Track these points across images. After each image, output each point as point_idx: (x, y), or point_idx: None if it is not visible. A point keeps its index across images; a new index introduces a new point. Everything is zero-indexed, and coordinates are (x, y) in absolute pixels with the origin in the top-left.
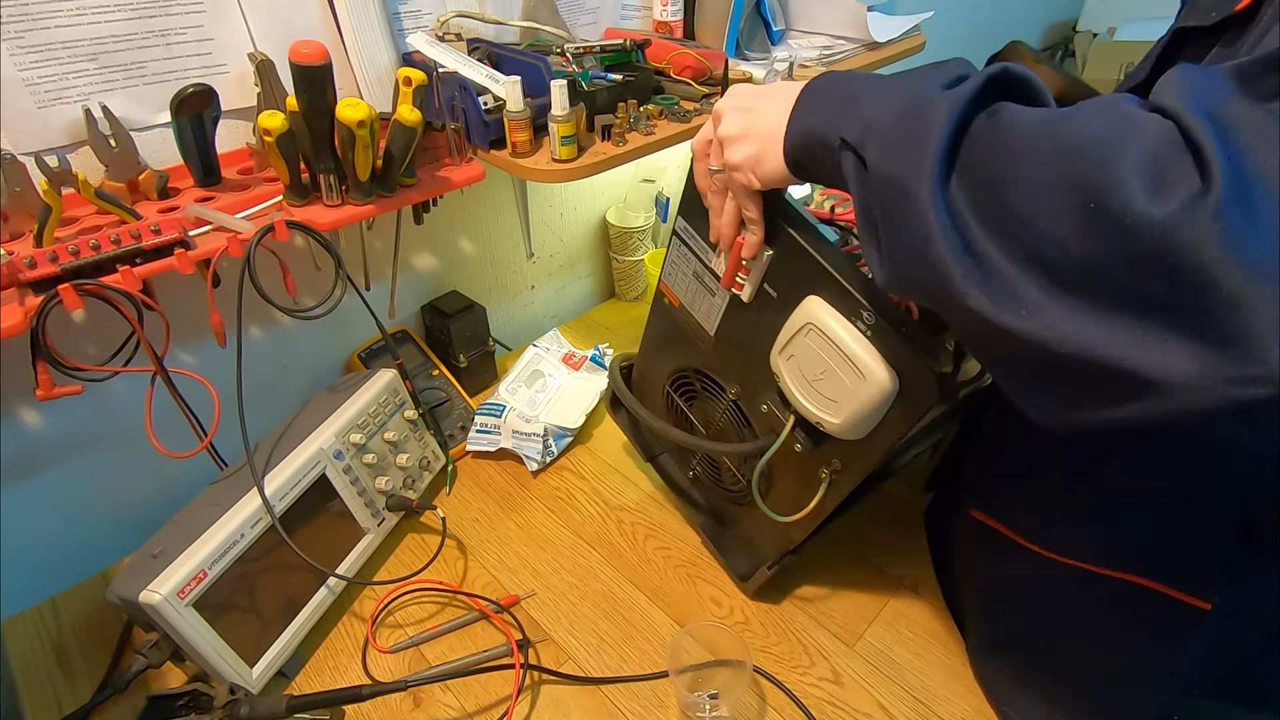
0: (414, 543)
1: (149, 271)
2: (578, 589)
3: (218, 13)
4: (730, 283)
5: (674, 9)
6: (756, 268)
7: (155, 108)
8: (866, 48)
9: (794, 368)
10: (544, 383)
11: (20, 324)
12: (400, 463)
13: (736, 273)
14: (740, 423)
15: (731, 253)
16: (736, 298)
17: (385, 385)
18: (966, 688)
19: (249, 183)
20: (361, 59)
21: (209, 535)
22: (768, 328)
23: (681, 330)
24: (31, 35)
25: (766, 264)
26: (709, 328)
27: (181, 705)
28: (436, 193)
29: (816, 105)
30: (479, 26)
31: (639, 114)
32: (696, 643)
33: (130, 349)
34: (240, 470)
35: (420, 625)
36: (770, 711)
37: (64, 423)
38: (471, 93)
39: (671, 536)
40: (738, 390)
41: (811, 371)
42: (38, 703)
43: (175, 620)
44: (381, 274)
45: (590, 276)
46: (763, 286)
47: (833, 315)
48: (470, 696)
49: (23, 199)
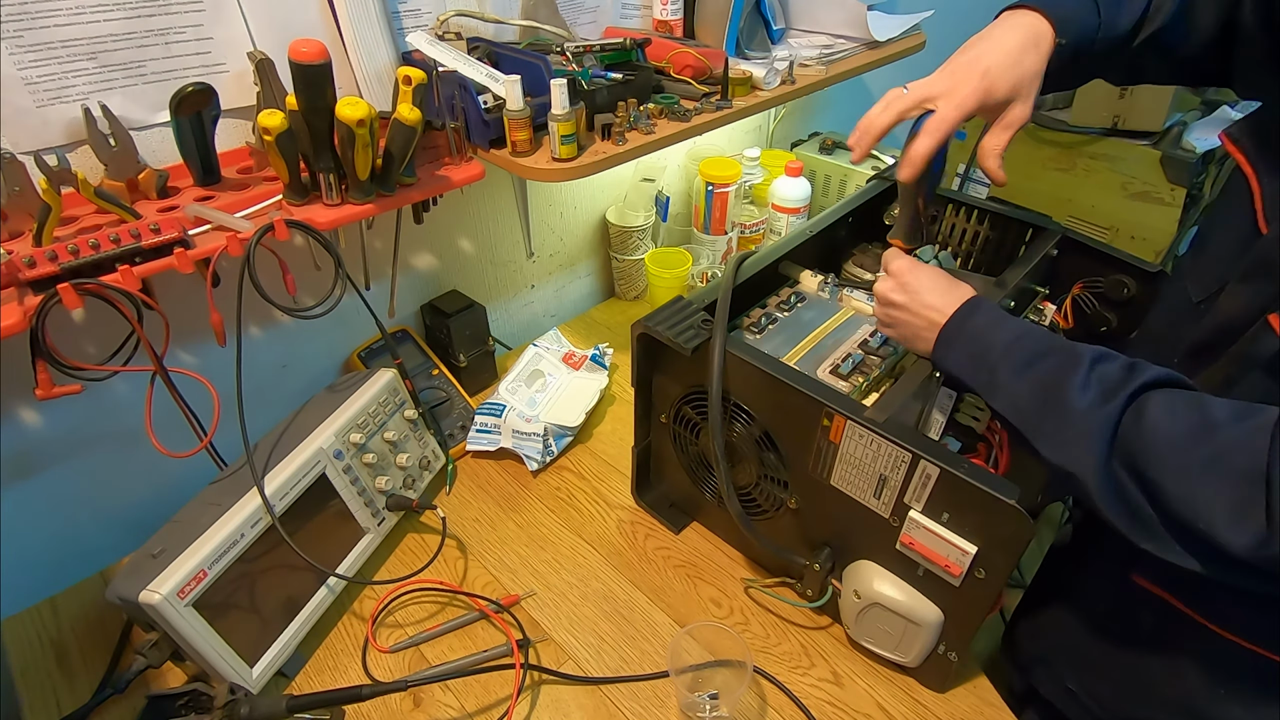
0: (414, 543)
1: (148, 271)
2: (578, 589)
3: (217, 11)
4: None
5: (674, 8)
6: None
7: (154, 107)
8: (866, 46)
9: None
10: (544, 382)
11: (20, 323)
12: (400, 462)
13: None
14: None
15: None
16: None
17: (385, 385)
18: (966, 688)
19: (248, 182)
20: (361, 58)
21: (209, 535)
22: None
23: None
24: (31, 34)
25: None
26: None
27: (181, 705)
28: (436, 192)
29: (951, 351)
30: (479, 25)
31: (639, 113)
32: (697, 643)
33: (130, 348)
34: (240, 470)
35: (420, 625)
36: (770, 712)
37: (63, 422)
38: (471, 92)
39: (671, 537)
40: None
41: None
42: (37, 703)
43: (175, 620)
44: (381, 273)
45: (590, 276)
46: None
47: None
48: (470, 696)
49: (22, 198)
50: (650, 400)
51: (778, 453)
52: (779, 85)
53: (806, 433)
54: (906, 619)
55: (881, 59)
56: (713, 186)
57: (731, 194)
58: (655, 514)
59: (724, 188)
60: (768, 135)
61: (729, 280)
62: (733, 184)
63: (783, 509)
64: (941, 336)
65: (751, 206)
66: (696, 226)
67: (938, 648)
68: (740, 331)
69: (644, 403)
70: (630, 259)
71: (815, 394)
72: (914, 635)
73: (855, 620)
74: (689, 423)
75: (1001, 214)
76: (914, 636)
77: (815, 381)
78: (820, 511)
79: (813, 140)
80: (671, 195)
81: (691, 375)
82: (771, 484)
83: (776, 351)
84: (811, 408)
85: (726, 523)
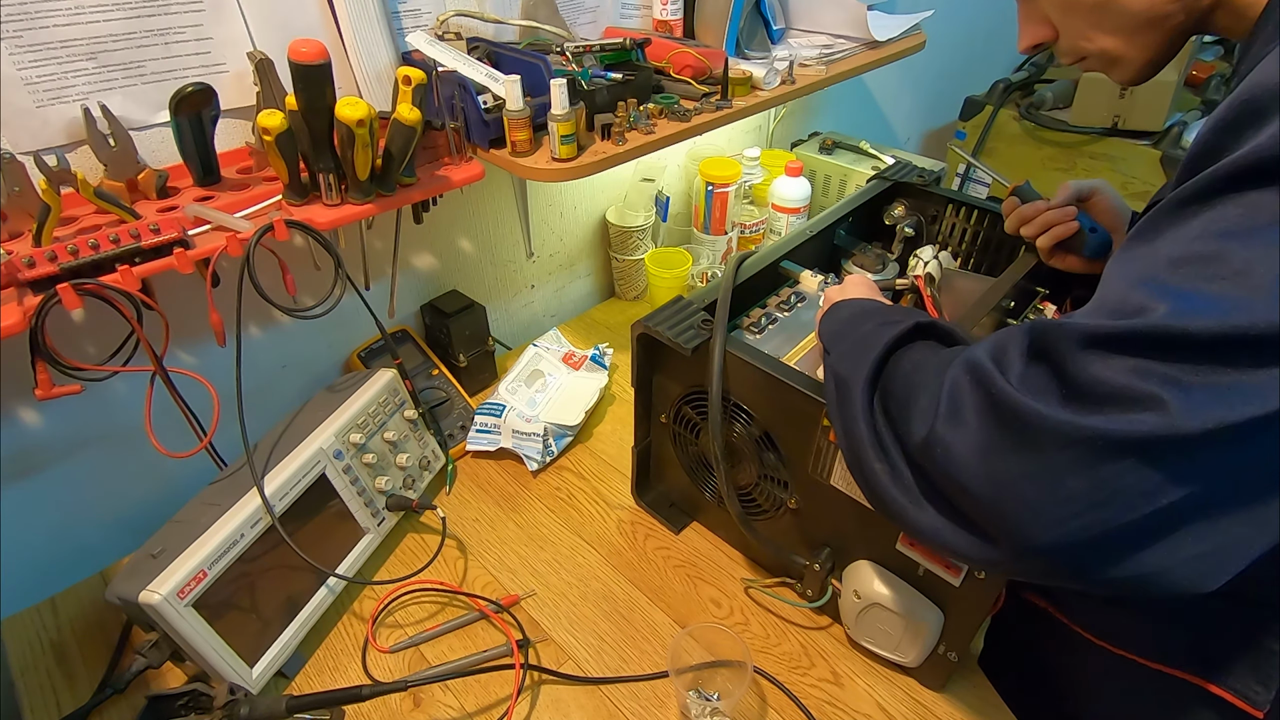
0: (414, 543)
1: (148, 271)
2: (578, 589)
3: (217, 11)
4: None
5: (674, 8)
6: None
7: (154, 107)
8: (866, 46)
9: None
10: (544, 382)
11: (19, 323)
12: (400, 462)
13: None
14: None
15: None
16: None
17: (385, 385)
18: (966, 688)
19: (248, 182)
20: (361, 58)
21: (209, 535)
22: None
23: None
24: (30, 34)
25: None
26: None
27: (181, 705)
28: (436, 192)
29: (826, 318)
30: (478, 25)
31: (639, 113)
32: (697, 643)
33: (129, 348)
34: (240, 470)
35: (420, 625)
36: (770, 712)
37: (63, 422)
38: (471, 92)
39: (671, 537)
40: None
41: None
42: (37, 703)
43: (175, 620)
44: (381, 273)
45: (590, 276)
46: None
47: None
48: (470, 696)
49: (21, 198)
50: (650, 400)
51: (778, 453)
52: (779, 85)
53: (806, 433)
54: (906, 619)
55: (881, 59)
56: (713, 186)
57: (731, 194)
58: (655, 514)
59: (724, 188)
60: (768, 135)
61: (729, 280)
62: (733, 184)
63: (783, 509)
64: (829, 309)
65: (751, 206)
66: (696, 226)
67: (938, 648)
68: (740, 331)
69: (644, 403)
70: (630, 259)
71: (815, 394)
72: (914, 635)
73: (855, 620)
74: (689, 423)
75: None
76: (914, 636)
77: (815, 381)
78: (820, 511)
79: (813, 140)
80: (671, 195)
81: (691, 375)
82: (771, 484)
83: (776, 351)
84: (811, 408)
85: (726, 523)
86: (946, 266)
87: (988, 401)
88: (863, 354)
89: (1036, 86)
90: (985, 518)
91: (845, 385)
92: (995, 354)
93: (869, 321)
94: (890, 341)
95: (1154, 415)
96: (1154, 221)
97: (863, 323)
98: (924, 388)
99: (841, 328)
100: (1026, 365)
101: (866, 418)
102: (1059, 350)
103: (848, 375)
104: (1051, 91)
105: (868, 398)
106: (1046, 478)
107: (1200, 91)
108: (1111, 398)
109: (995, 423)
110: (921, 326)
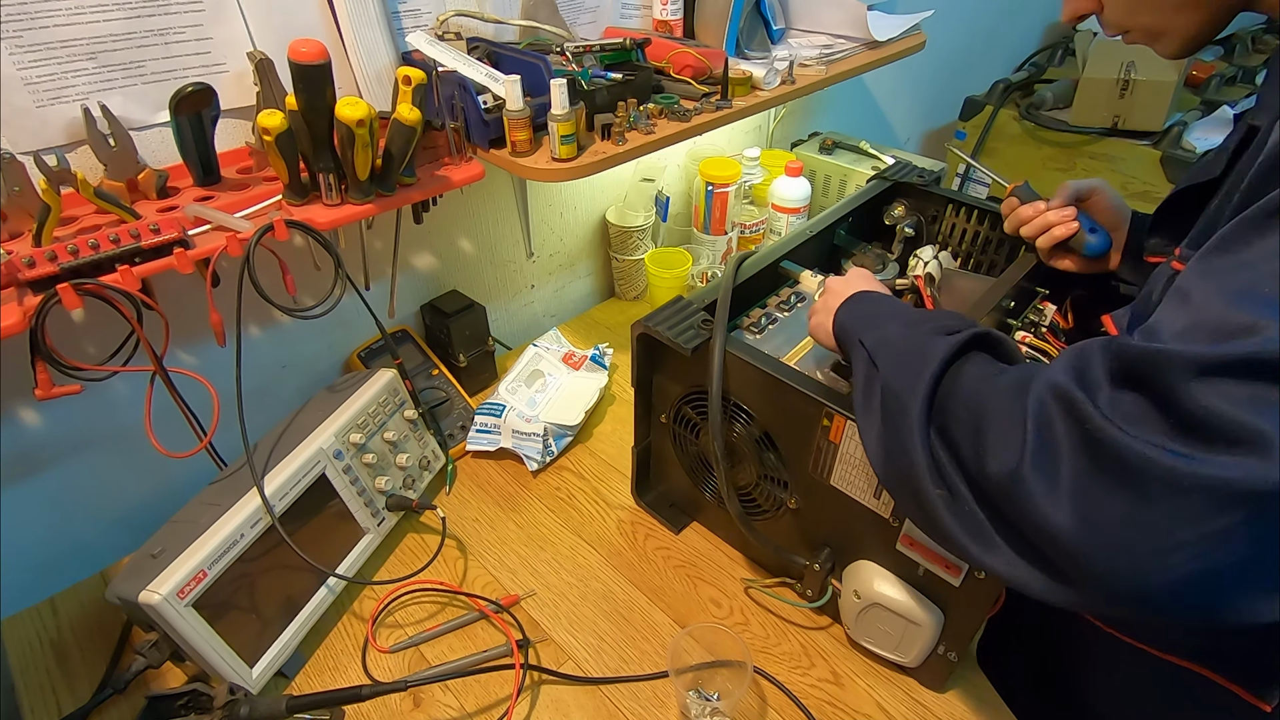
0: (414, 543)
1: (148, 271)
2: (578, 589)
3: (217, 11)
4: None
5: (674, 8)
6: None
7: (154, 107)
8: (866, 46)
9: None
10: (544, 382)
11: (19, 323)
12: (400, 462)
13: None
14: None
15: None
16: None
17: (385, 385)
18: (966, 688)
19: (248, 182)
20: (361, 58)
21: (209, 535)
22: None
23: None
24: (30, 34)
25: None
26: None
27: (181, 705)
28: (436, 192)
29: (851, 309)
30: (478, 25)
31: (639, 113)
32: (697, 643)
33: (129, 348)
34: (240, 470)
35: (420, 625)
36: (770, 712)
37: (63, 422)
38: (471, 92)
39: (671, 537)
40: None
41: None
42: (37, 703)
43: (175, 620)
44: (381, 273)
45: (590, 276)
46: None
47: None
48: (470, 696)
49: (21, 198)
50: (650, 400)
51: (778, 453)
52: (779, 85)
53: (806, 433)
54: (906, 619)
55: (881, 59)
56: (713, 186)
57: (731, 194)
58: (655, 514)
59: (724, 188)
60: (768, 135)
61: (729, 280)
62: (733, 184)
63: (783, 509)
64: (851, 298)
65: (751, 206)
66: (696, 226)
67: (937, 648)
68: (740, 331)
69: (644, 403)
70: (630, 259)
71: (815, 394)
72: (914, 635)
73: (855, 620)
74: (689, 423)
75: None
76: (914, 636)
77: (815, 381)
78: (820, 511)
79: (813, 140)
80: (671, 195)
81: (691, 375)
82: (771, 484)
83: (776, 351)
84: (811, 408)
85: (726, 523)
86: (946, 266)
87: (1083, 437)
88: (918, 365)
89: (1036, 87)
90: (1067, 559)
91: (898, 400)
92: (1078, 378)
93: (919, 326)
94: (950, 354)
95: (1267, 463)
96: (1237, 233)
97: (910, 327)
98: (997, 413)
99: (884, 331)
100: (1115, 390)
101: (923, 439)
102: (1166, 379)
103: (901, 390)
104: (1051, 92)
105: (925, 417)
106: (1151, 526)
107: (1200, 91)
108: (1224, 434)
109: (1091, 462)
110: (979, 337)
